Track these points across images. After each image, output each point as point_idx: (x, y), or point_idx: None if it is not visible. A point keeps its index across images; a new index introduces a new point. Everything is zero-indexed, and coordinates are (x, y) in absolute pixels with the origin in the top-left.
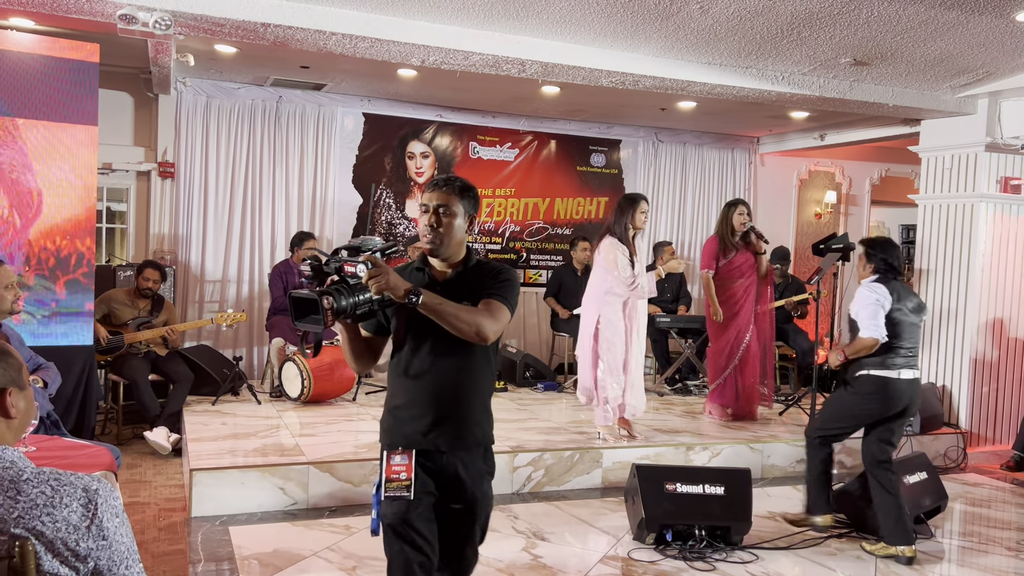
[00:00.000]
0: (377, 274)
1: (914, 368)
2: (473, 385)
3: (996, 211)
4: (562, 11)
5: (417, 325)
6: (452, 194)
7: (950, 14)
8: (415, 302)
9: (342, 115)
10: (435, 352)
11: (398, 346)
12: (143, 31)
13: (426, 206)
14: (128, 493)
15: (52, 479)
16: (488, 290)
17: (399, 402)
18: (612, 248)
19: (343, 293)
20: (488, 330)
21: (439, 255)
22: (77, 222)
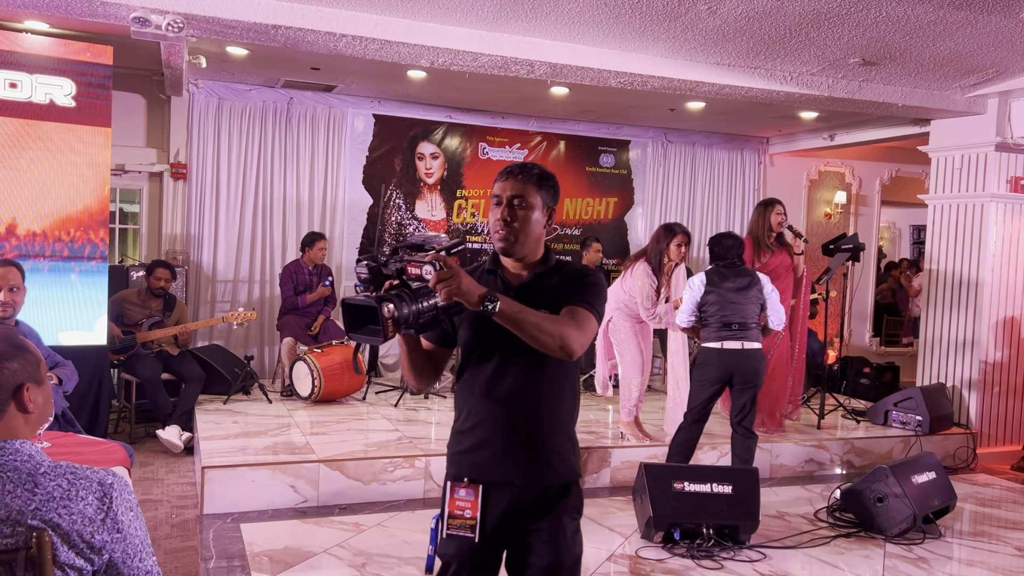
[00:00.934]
0: (447, 277)
1: (739, 339)
2: (554, 407)
3: (1006, 211)
4: (570, 12)
5: (490, 336)
6: (529, 183)
7: (959, 14)
8: (491, 310)
9: (352, 116)
10: (510, 368)
11: (466, 360)
12: (155, 33)
13: (498, 197)
14: (141, 491)
15: (68, 473)
16: (572, 296)
17: (467, 425)
18: (643, 277)
19: (405, 299)
20: (575, 343)
21: (513, 254)
22: (91, 214)
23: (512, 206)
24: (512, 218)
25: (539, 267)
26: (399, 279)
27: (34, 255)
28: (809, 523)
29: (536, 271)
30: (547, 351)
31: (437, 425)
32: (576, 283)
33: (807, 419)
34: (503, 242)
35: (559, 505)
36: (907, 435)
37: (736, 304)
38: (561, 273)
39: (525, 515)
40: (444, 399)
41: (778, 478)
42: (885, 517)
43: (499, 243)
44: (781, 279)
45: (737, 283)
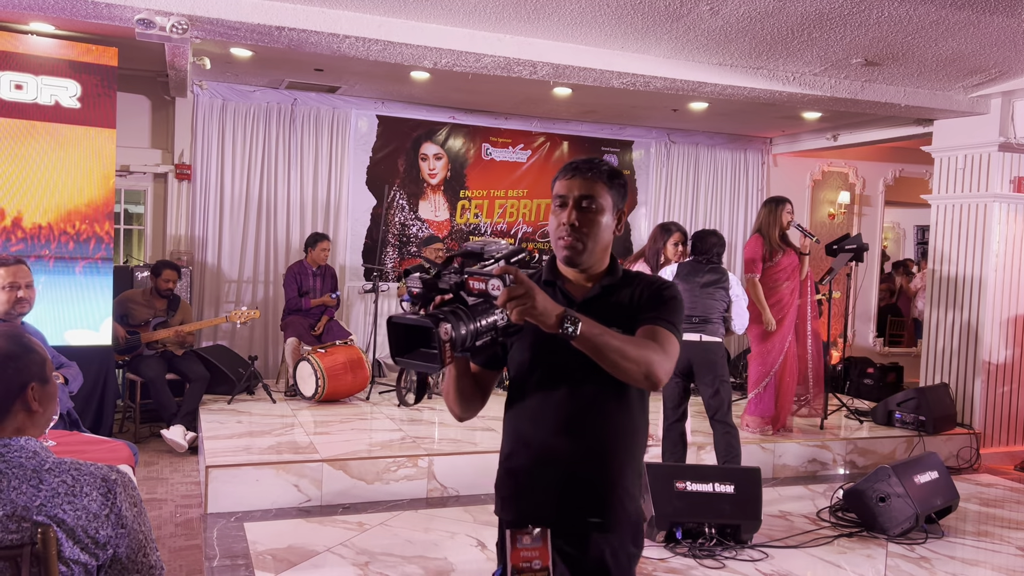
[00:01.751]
0: (520, 294)
1: (697, 332)
2: (625, 440)
3: (1010, 211)
4: (572, 13)
5: (553, 358)
6: (599, 181)
7: (961, 14)
8: (571, 333)
9: (356, 117)
10: (577, 395)
11: (521, 385)
12: (160, 35)
13: (562, 198)
14: (145, 490)
15: (73, 469)
16: (650, 313)
17: (523, 461)
18: None
19: (462, 317)
20: (661, 371)
21: (579, 264)
22: (96, 206)
23: (580, 208)
24: (580, 223)
25: (606, 278)
26: (454, 294)
27: (39, 248)
28: (811, 523)
29: (603, 283)
30: (628, 380)
31: (440, 425)
32: (654, 298)
33: (811, 419)
34: (569, 250)
35: (625, 550)
36: (910, 435)
37: (699, 299)
38: (633, 286)
39: (592, 563)
40: None
41: (781, 478)
42: (887, 517)
43: (563, 251)
44: (792, 279)
45: (705, 279)
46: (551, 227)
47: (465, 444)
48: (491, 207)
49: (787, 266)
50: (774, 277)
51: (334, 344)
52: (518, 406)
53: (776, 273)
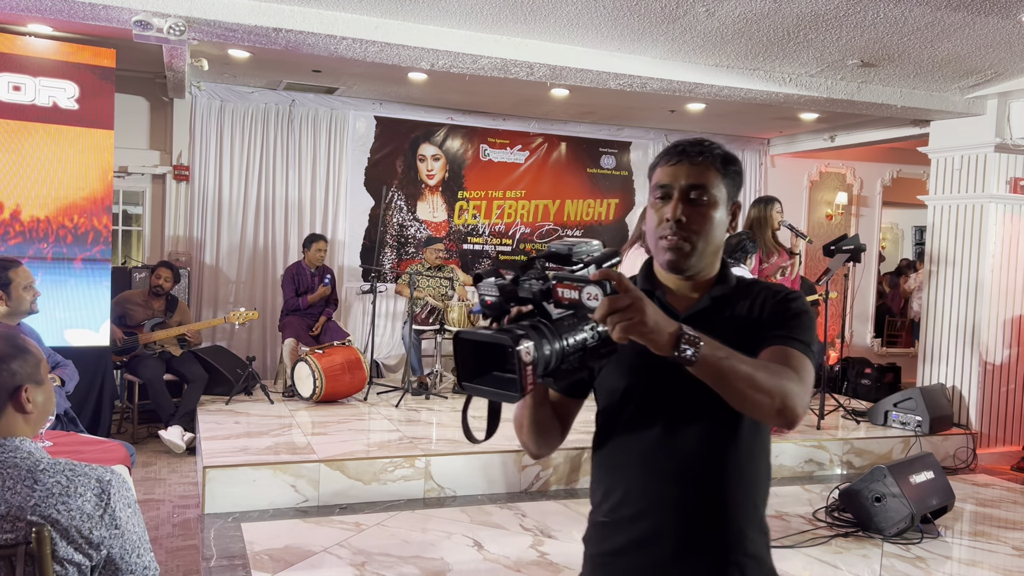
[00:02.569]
0: (624, 306)
1: None
2: (750, 487)
3: (1006, 212)
4: (569, 14)
5: (655, 385)
6: (712, 168)
7: (956, 15)
8: (689, 357)
9: (354, 118)
10: (686, 431)
11: (613, 418)
12: (157, 37)
13: (666, 188)
14: (143, 490)
15: (67, 469)
16: (778, 331)
17: (620, 513)
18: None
19: (544, 334)
20: (799, 404)
21: (686, 269)
22: (94, 200)
23: (688, 200)
24: (689, 218)
25: (717, 287)
26: (537, 305)
27: (38, 242)
28: (808, 523)
29: (713, 293)
30: (757, 414)
31: (438, 426)
32: (780, 312)
33: (808, 419)
34: (674, 252)
35: None
36: (907, 435)
37: None
38: (751, 296)
39: None
40: (445, 399)
41: (778, 478)
42: (883, 517)
43: (666, 253)
44: (784, 278)
45: None
46: (649, 224)
47: (462, 444)
48: (489, 208)
49: (778, 267)
50: (768, 278)
51: (332, 345)
52: (611, 444)
53: (769, 275)
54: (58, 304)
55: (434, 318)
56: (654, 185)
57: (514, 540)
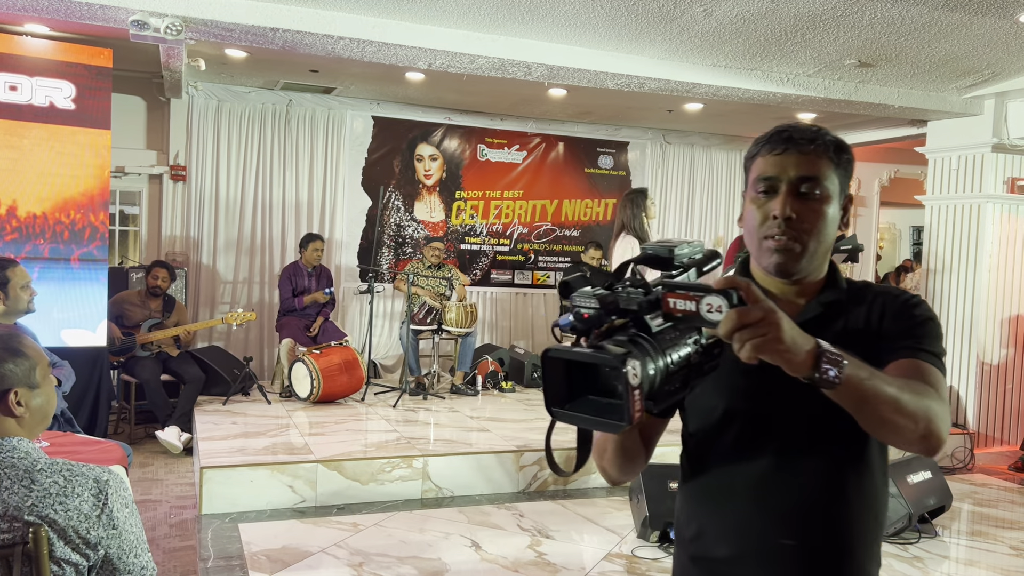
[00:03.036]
0: (756, 319)
1: None
2: (872, 519)
3: (1003, 211)
4: (567, 14)
5: (756, 405)
6: (824, 157)
7: (954, 15)
8: (834, 379)
9: (351, 118)
10: (798, 460)
11: (706, 440)
12: (154, 36)
13: (771, 180)
14: (140, 491)
15: (65, 470)
16: (904, 342)
17: (726, 552)
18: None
19: (647, 351)
20: (944, 428)
21: (793, 273)
22: (91, 196)
23: (799, 194)
24: (800, 215)
25: (826, 292)
26: (637, 318)
27: (34, 238)
28: None
29: (823, 299)
30: (898, 440)
31: (436, 426)
32: (904, 319)
33: None
34: (783, 254)
35: None
36: None
37: None
38: (867, 302)
39: None
40: (443, 399)
41: None
42: None
43: (772, 256)
44: None
45: None
46: (749, 222)
47: (460, 445)
48: (487, 208)
49: None
50: None
51: (329, 345)
52: (708, 474)
53: None
54: (55, 304)
55: (432, 318)
56: (756, 178)
57: (512, 540)
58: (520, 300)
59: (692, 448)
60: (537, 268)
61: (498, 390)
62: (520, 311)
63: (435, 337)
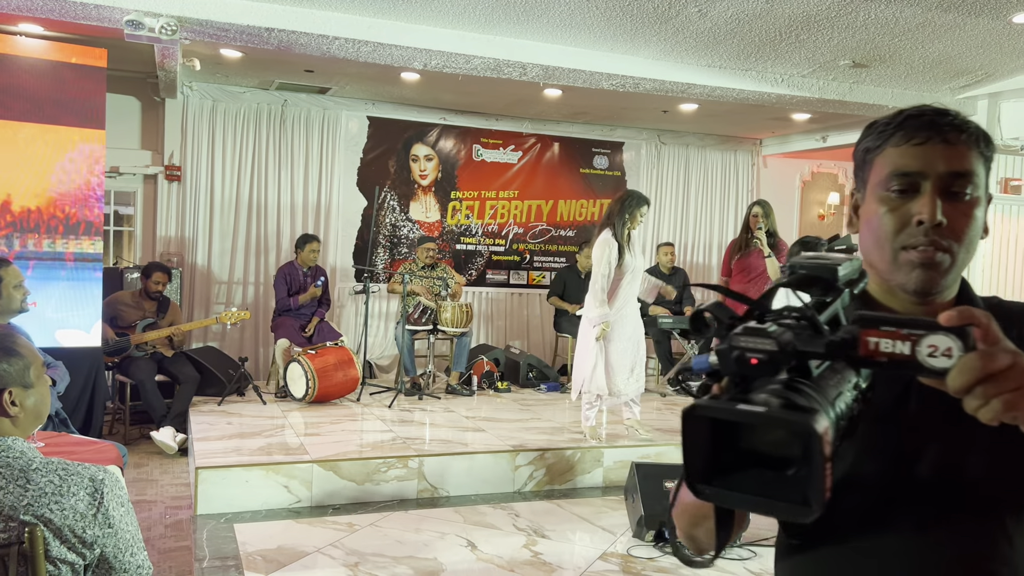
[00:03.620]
0: (1005, 368)
1: None
2: None
3: (997, 212)
4: (562, 15)
5: (905, 463)
6: (973, 150)
7: (947, 16)
8: None
9: (346, 118)
10: (953, 528)
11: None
12: (149, 36)
13: (913, 177)
14: (135, 492)
15: (60, 469)
16: None
17: None
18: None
19: (818, 402)
20: None
21: (937, 292)
22: (87, 190)
23: (948, 195)
24: (951, 220)
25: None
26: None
27: (28, 232)
28: None
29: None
30: None
31: (431, 426)
32: None
33: None
34: (927, 269)
35: None
36: None
37: None
38: (1011, 319)
39: None
40: (438, 400)
41: None
42: None
43: (916, 271)
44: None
45: None
46: (876, 229)
47: (456, 445)
48: (482, 208)
49: (759, 265)
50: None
51: (324, 345)
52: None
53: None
54: (49, 304)
55: (427, 318)
56: (890, 173)
57: (507, 540)
58: (516, 300)
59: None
60: (532, 268)
61: (494, 390)
62: (516, 311)
63: (431, 337)
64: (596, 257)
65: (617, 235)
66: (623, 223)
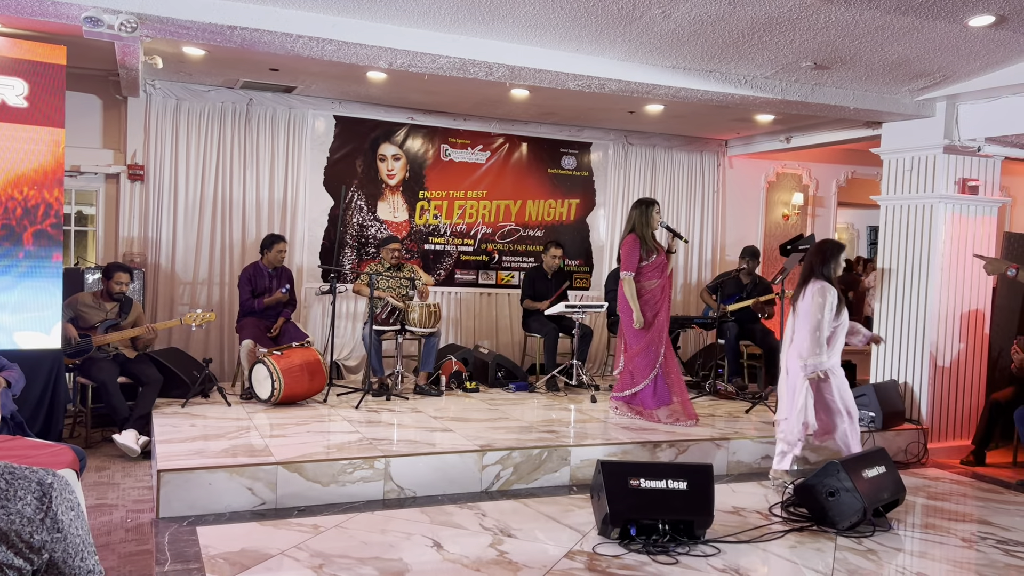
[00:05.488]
0: None
1: None
2: None
3: (954, 212)
4: (527, 15)
5: None
6: None
7: (905, 19)
8: None
9: (313, 117)
10: None
11: None
12: (108, 33)
13: None
14: (96, 495)
15: (7, 473)
16: None
17: None
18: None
19: None
20: None
21: None
22: (45, 172)
23: None
24: None
25: None
26: None
27: None
28: (763, 518)
29: None
30: None
31: (399, 427)
32: None
33: (765, 416)
34: None
35: None
36: (861, 431)
37: None
38: None
39: None
40: (406, 400)
41: (736, 474)
42: (836, 511)
43: None
44: (662, 276)
45: None
46: None
47: (422, 445)
48: (450, 208)
49: (659, 264)
50: (649, 275)
51: (290, 346)
52: None
53: (651, 271)
54: (6, 306)
55: (395, 318)
56: None
57: (474, 540)
58: (484, 300)
59: None
60: (501, 268)
61: (462, 390)
62: (484, 311)
63: (398, 337)
64: (817, 304)
65: (833, 282)
66: (830, 270)
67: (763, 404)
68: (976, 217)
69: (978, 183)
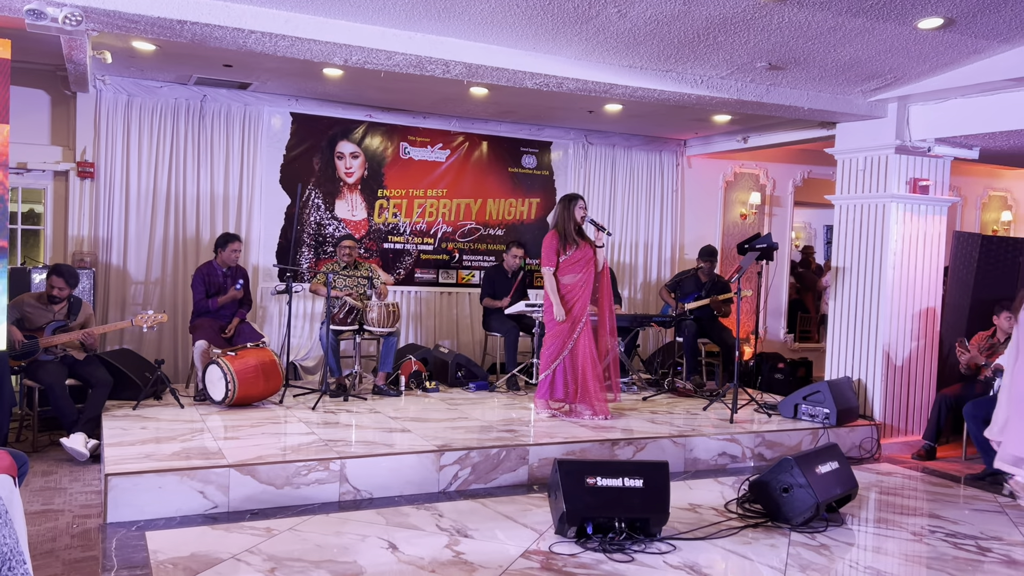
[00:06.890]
0: None
1: None
2: None
3: (906, 211)
4: (483, 12)
5: None
6: None
7: (856, 21)
8: None
9: (269, 114)
10: None
11: None
12: (52, 27)
13: None
14: (41, 500)
15: None
16: None
17: None
18: None
19: None
20: None
21: None
22: None
23: None
24: None
25: None
26: None
27: None
28: (719, 515)
29: None
30: None
31: (356, 428)
32: None
33: (722, 414)
34: None
35: None
36: (815, 427)
37: None
38: None
39: None
40: (364, 400)
41: (692, 471)
42: (790, 507)
43: None
44: (584, 271)
45: None
46: None
47: (379, 446)
48: (410, 207)
49: (580, 259)
50: (568, 269)
51: (245, 347)
52: None
53: (571, 266)
54: None
55: (353, 318)
56: None
57: (430, 541)
58: (444, 299)
59: None
60: (462, 267)
61: (422, 390)
62: (444, 310)
63: (356, 337)
64: None
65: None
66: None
67: (720, 401)
68: (927, 216)
69: (929, 183)
